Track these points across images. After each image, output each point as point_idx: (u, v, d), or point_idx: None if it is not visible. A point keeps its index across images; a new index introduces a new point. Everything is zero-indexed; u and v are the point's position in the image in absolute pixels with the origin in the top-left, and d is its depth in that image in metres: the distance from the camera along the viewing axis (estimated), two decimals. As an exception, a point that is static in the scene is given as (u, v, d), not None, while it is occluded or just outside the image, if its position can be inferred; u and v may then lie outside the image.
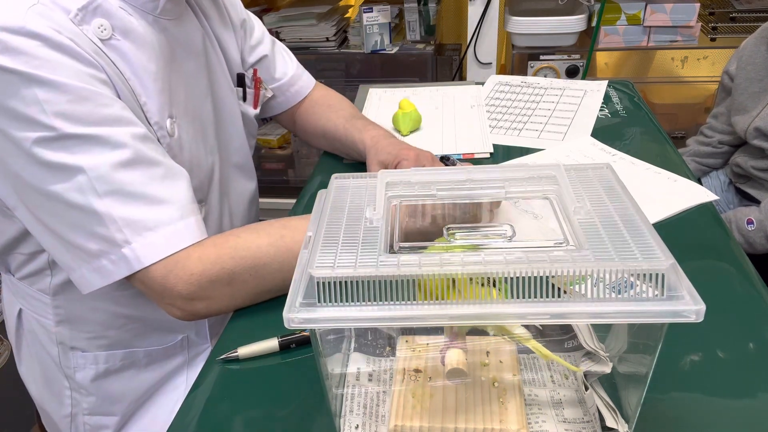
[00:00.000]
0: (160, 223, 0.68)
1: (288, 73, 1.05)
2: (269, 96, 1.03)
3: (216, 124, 0.88)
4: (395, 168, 0.93)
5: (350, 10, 2.30)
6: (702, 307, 0.42)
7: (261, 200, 1.08)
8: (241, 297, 0.74)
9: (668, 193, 0.91)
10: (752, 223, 1.32)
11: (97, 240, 0.67)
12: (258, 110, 0.99)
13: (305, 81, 1.09)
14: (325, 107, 1.08)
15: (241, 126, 0.94)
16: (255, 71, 0.98)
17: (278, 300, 0.75)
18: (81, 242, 0.68)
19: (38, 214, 0.69)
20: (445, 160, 1.00)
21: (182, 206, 0.70)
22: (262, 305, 0.76)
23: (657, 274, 0.43)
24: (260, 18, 2.16)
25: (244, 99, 0.96)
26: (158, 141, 0.74)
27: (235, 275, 0.71)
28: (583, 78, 1.90)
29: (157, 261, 0.68)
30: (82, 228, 0.67)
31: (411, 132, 1.14)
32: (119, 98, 0.69)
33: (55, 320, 0.84)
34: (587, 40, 1.94)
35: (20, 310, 0.88)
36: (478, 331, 0.56)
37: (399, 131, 1.14)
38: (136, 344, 0.86)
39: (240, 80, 0.94)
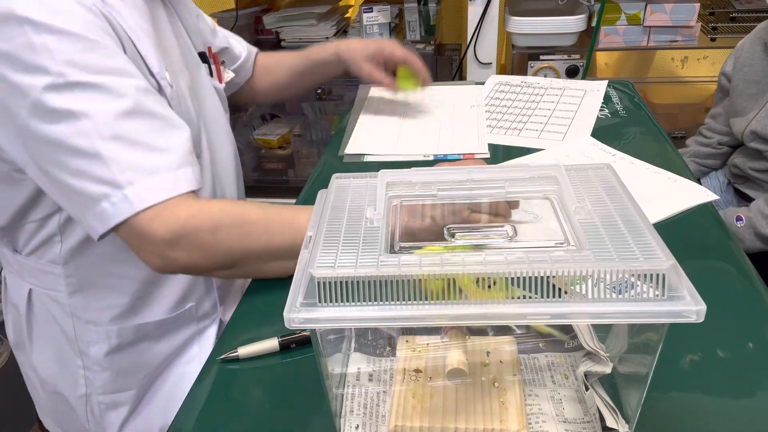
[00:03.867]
0: (159, 169, 0.70)
1: (243, 51, 1.14)
2: (233, 76, 1.09)
3: (194, 89, 0.91)
4: (389, 56, 1.10)
5: (350, 10, 2.30)
6: (703, 307, 0.42)
7: (261, 200, 1.09)
8: (222, 251, 0.73)
9: (668, 193, 0.91)
10: (741, 219, 1.32)
11: (101, 184, 0.69)
12: (223, 85, 1.02)
13: (251, 50, 1.18)
14: (275, 60, 1.19)
15: (216, 99, 0.97)
16: (209, 48, 1.00)
17: (279, 300, 0.75)
18: (84, 187, 0.69)
19: (44, 165, 0.71)
20: None
21: (181, 155, 0.73)
22: (263, 304, 0.76)
23: (657, 275, 0.43)
24: (260, 18, 2.17)
25: (211, 74, 0.99)
26: (160, 92, 0.78)
27: (220, 225, 0.72)
28: (583, 78, 1.90)
29: (151, 206, 0.70)
30: (84, 172, 0.69)
31: (412, 89, 1.16)
32: (124, 52, 0.73)
33: (68, 291, 0.85)
34: (587, 40, 1.94)
35: (30, 291, 0.89)
36: (478, 331, 0.56)
37: (402, 88, 1.16)
38: (147, 314, 0.88)
39: (203, 58, 0.97)
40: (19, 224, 0.83)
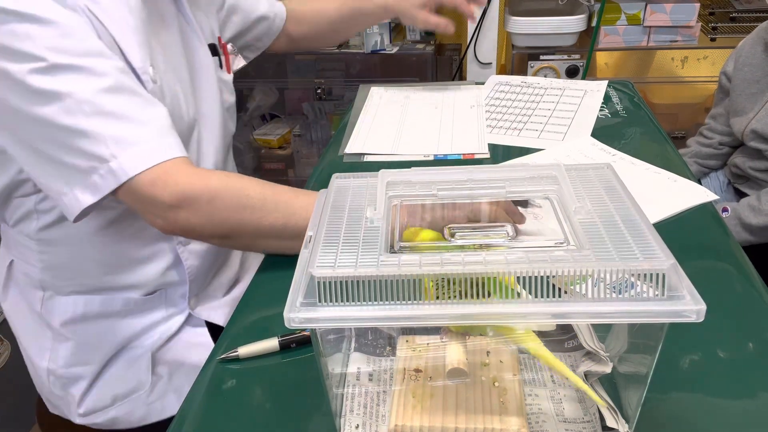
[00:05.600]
0: (142, 140, 0.74)
1: (265, 7, 1.14)
2: (242, 63, 1.10)
3: (194, 86, 0.92)
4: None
5: (350, 10, 2.30)
6: (702, 307, 0.42)
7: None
8: (218, 221, 0.77)
9: (668, 193, 0.91)
10: (726, 210, 1.33)
11: (87, 157, 0.73)
12: (232, 75, 1.04)
13: (277, 8, 1.17)
14: (314, 11, 1.19)
15: (217, 93, 0.97)
16: (219, 38, 1.02)
17: (279, 299, 0.75)
18: (71, 161, 0.73)
19: (31, 143, 0.74)
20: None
21: (162, 127, 0.76)
22: (263, 304, 0.76)
23: (657, 274, 0.43)
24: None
25: (221, 66, 1.01)
26: (141, 83, 0.79)
27: (217, 195, 0.75)
28: (583, 78, 1.90)
29: (143, 171, 0.73)
30: (71, 147, 0.73)
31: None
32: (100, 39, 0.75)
33: (40, 267, 0.90)
34: (587, 40, 1.94)
35: (11, 262, 0.94)
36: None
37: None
38: (115, 293, 0.91)
39: (214, 50, 0.98)
40: (7, 199, 0.87)
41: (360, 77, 2.08)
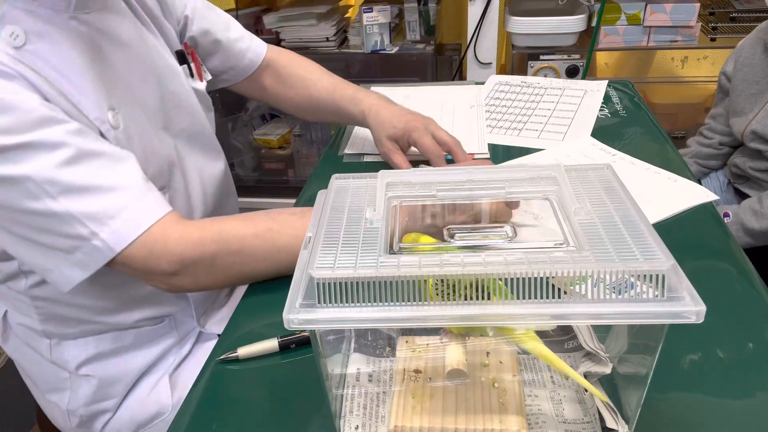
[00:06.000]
0: (120, 209, 0.69)
1: (238, 38, 1.03)
2: (209, 77, 1.01)
3: (165, 109, 0.86)
4: (410, 143, 0.96)
5: (350, 10, 2.30)
6: (702, 308, 0.42)
7: (261, 200, 1.08)
8: (225, 279, 0.76)
9: (668, 193, 0.91)
10: (728, 215, 1.33)
11: (66, 237, 0.68)
12: (205, 82, 0.97)
13: (258, 46, 1.06)
14: (299, 80, 1.08)
15: (196, 104, 0.92)
16: (186, 44, 0.95)
17: (278, 300, 0.75)
18: (52, 242, 0.69)
19: (5, 227, 0.70)
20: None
21: (136, 187, 0.71)
22: (262, 305, 0.76)
23: (657, 275, 0.43)
24: (260, 18, 2.17)
25: (192, 75, 0.94)
26: (102, 135, 0.73)
27: (217, 259, 0.73)
28: (583, 78, 1.90)
29: (131, 243, 0.69)
30: (48, 230, 0.68)
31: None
32: (47, 101, 0.68)
33: (38, 318, 0.85)
34: (587, 40, 1.94)
35: (6, 312, 0.90)
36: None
37: None
38: (122, 329, 0.88)
39: (182, 58, 0.92)
40: None
41: (360, 77, 2.08)
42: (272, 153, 2.29)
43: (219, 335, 0.93)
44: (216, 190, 0.97)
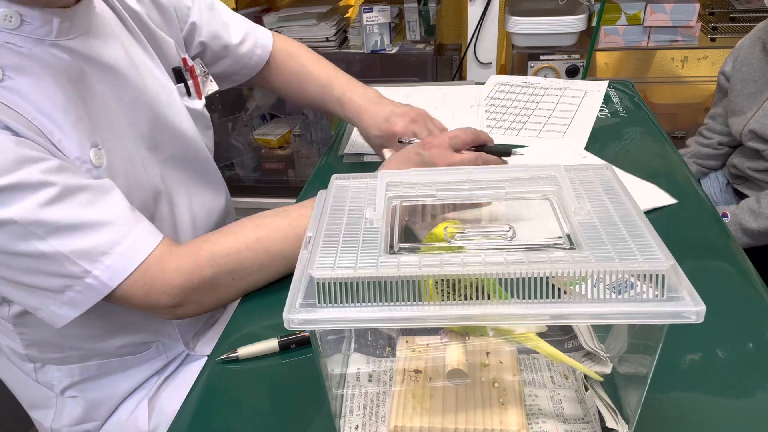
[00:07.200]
0: (112, 244, 0.67)
1: (244, 36, 1.01)
2: (215, 87, 0.97)
3: (154, 134, 0.82)
4: (400, 145, 0.94)
5: (350, 10, 2.30)
6: (702, 308, 0.42)
7: (261, 200, 1.07)
8: (228, 297, 0.77)
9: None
10: (726, 216, 1.33)
11: (57, 277, 0.67)
12: (204, 101, 0.93)
13: (263, 38, 1.05)
14: (297, 77, 1.07)
15: (190, 127, 0.88)
16: (185, 60, 0.91)
17: (278, 300, 0.75)
18: (42, 283, 0.67)
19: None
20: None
21: (125, 220, 0.69)
22: (262, 305, 0.76)
23: (657, 275, 0.43)
24: (260, 18, 2.17)
25: (189, 94, 0.90)
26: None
27: (216, 281, 0.73)
28: (583, 78, 1.90)
29: (128, 277, 0.68)
30: (38, 271, 0.66)
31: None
32: (25, 139, 0.65)
33: (23, 344, 0.83)
34: (587, 40, 1.94)
35: None
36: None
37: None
38: (107, 356, 0.86)
39: (179, 75, 0.89)
40: None
41: (360, 77, 2.07)
42: (272, 153, 2.29)
43: (208, 356, 0.89)
44: (207, 218, 0.93)
